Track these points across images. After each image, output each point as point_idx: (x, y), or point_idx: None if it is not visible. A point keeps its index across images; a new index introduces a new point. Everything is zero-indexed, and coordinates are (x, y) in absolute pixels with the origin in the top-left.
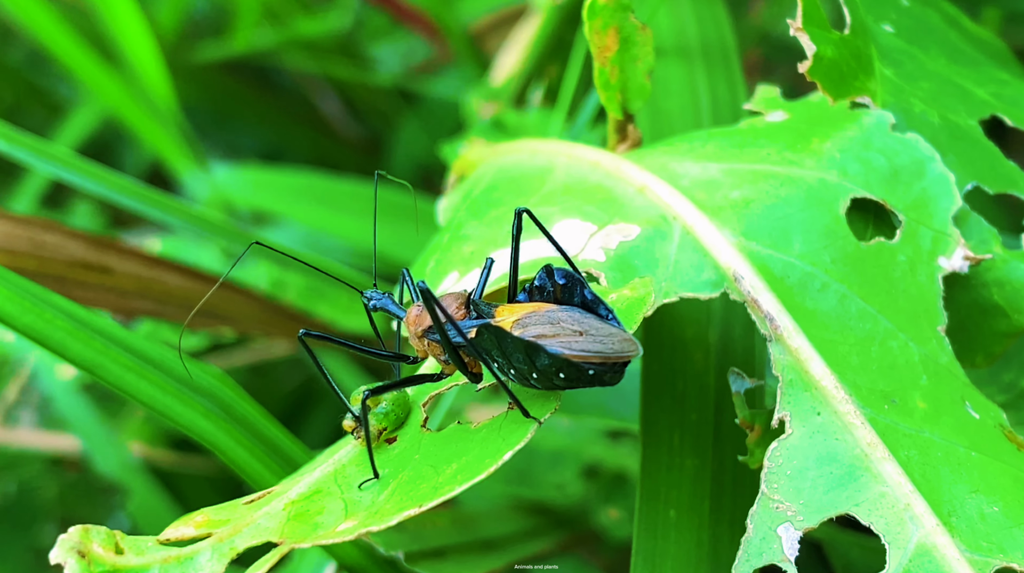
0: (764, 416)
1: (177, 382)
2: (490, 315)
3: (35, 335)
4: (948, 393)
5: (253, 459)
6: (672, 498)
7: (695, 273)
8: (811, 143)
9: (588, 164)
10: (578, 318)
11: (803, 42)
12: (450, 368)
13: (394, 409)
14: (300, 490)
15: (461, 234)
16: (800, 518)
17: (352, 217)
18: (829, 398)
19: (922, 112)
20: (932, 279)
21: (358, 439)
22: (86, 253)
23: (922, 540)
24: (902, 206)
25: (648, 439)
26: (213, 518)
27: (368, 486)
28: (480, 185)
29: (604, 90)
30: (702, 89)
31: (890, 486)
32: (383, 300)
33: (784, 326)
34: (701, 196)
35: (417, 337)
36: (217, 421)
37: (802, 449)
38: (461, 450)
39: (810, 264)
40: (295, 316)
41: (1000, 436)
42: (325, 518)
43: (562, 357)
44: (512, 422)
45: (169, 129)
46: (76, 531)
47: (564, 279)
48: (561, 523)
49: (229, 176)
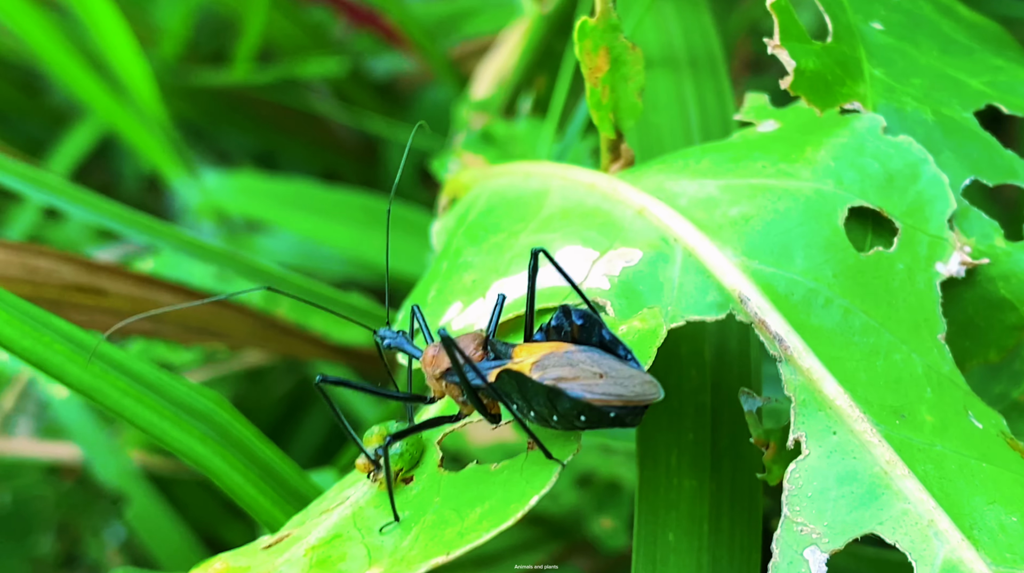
0: (778, 433)
1: (175, 406)
2: (507, 355)
3: (33, 359)
4: (952, 404)
5: (248, 484)
6: (670, 520)
7: (700, 296)
8: (805, 152)
9: (584, 187)
10: (597, 359)
11: (782, 59)
12: (468, 409)
13: (409, 449)
14: (319, 535)
15: (460, 262)
16: (826, 540)
17: (346, 226)
18: (844, 417)
19: (915, 110)
20: (930, 286)
21: (374, 482)
22: (78, 276)
23: (948, 555)
24: (898, 212)
25: (645, 460)
26: (232, 565)
27: (389, 530)
28: (475, 209)
29: (596, 110)
30: (690, 100)
31: (912, 503)
32: (398, 340)
33: (794, 346)
34: (700, 215)
35: (435, 378)
36: (213, 446)
37: (821, 469)
38: (483, 494)
39: (813, 280)
40: (288, 330)
41: (1004, 445)
42: (348, 565)
43: (584, 401)
44: (533, 464)
45: (158, 136)
46: None
47: (582, 320)
48: (556, 534)
49: (220, 183)
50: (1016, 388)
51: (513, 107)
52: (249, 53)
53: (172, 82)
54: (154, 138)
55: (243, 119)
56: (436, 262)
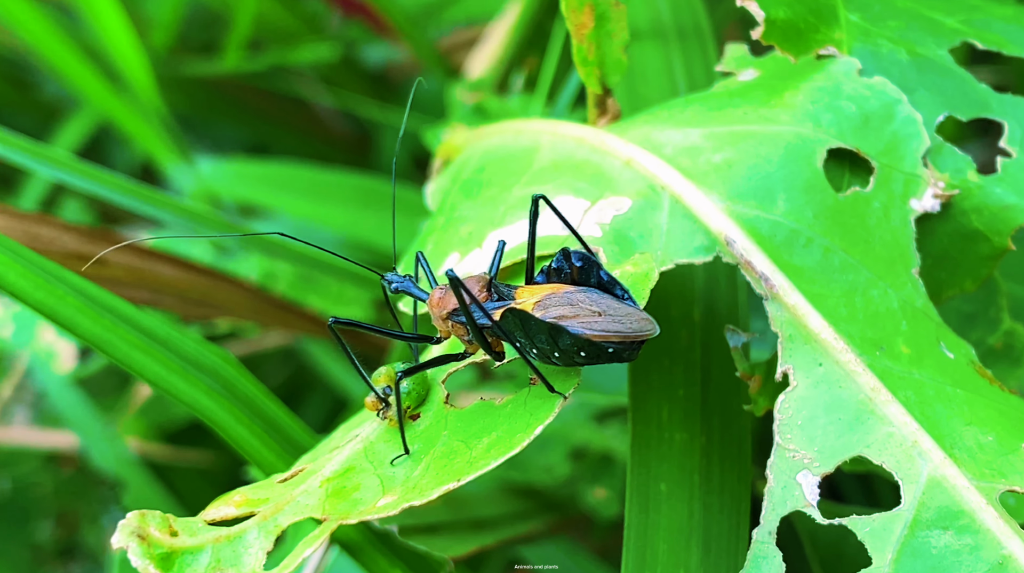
0: (763, 367)
1: (183, 361)
2: (510, 297)
3: (45, 310)
4: (925, 336)
5: (253, 437)
6: (662, 472)
7: (687, 240)
8: (783, 97)
9: (573, 140)
10: (596, 299)
11: (751, 10)
12: (473, 347)
13: (415, 387)
14: (333, 468)
15: (456, 216)
16: (817, 464)
17: (341, 207)
18: (829, 349)
19: (890, 51)
20: (905, 222)
21: (383, 418)
22: (80, 245)
23: (932, 473)
24: (874, 152)
25: (637, 415)
26: (251, 497)
27: (400, 462)
28: (468, 167)
29: (583, 66)
30: (679, 72)
31: (896, 426)
32: (404, 283)
33: (779, 285)
34: (685, 163)
35: (441, 319)
36: (219, 400)
37: (809, 399)
38: (489, 425)
39: (794, 221)
40: (286, 306)
41: (974, 372)
42: (363, 494)
43: (584, 337)
44: (536, 398)
45: (152, 123)
46: (135, 516)
47: (581, 261)
48: (551, 506)
49: (214, 169)
50: (992, 334)
51: (506, 84)
52: (240, 41)
53: (163, 73)
54: (150, 126)
55: (235, 111)
56: (432, 218)
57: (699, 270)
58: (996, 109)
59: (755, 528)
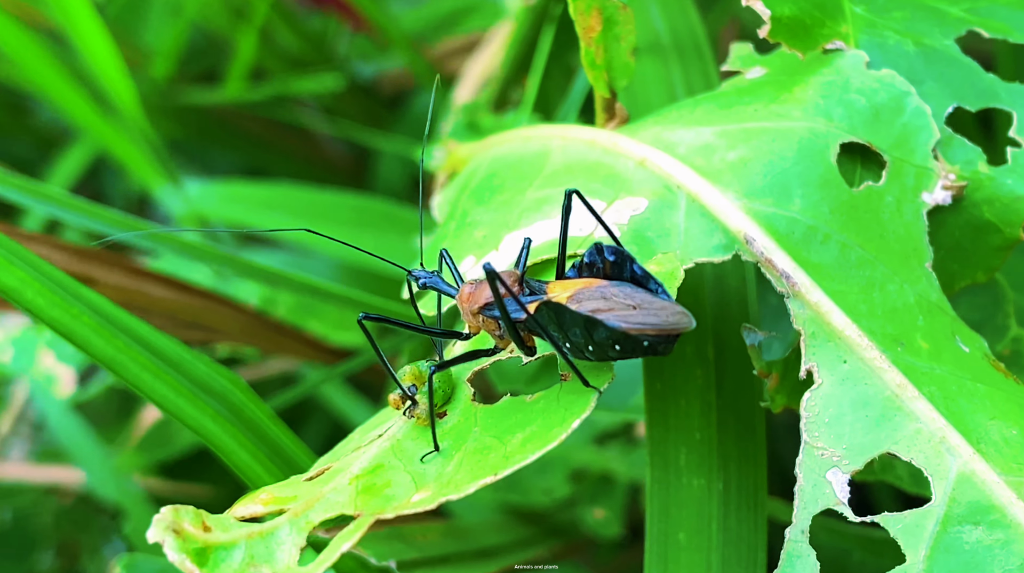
0: (779, 365)
1: (192, 384)
2: (542, 291)
3: (60, 328)
4: (942, 330)
5: (256, 464)
6: (681, 519)
7: (706, 239)
8: (793, 92)
9: (584, 143)
10: (629, 293)
11: (757, 9)
12: (504, 342)
13: (441, 385)
14: (362, 465)
15: (469, 221)
16: (846, 462)
17: (338, 228)
18: (853, 346)
19: (897, 42)
20: (917, 216)
21: (409, 416)
22: (70, 264)
23: (961, 469)
24: (886, 146)
25: (655, 460)
26: (278, 495)
27: (430, 459)
28: (477, 175)
29: (591, 69)
30: (678, 84)
31: (924, 422)
32: (433, 279)
33: (801, 282)
34: (699, 162)
35: (472, 314)
36: (225, 425)
37: (835, 396)
38: (523, 421)
39: (811, 217)
40: (286, 331)
41: (989, 366)
42: (395, 490)
43: (620, 330)
44: (569, 393)
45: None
46: (169, 511)
47: (614, 256)
48: (554, 532)
49: (203, 190)
50: (1000, 341)
51: (503, 102)
52: (242, 71)
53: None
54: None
55: (231, 137)
56: (443, 225)
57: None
58: (1005, 98)
59: (788, 527)
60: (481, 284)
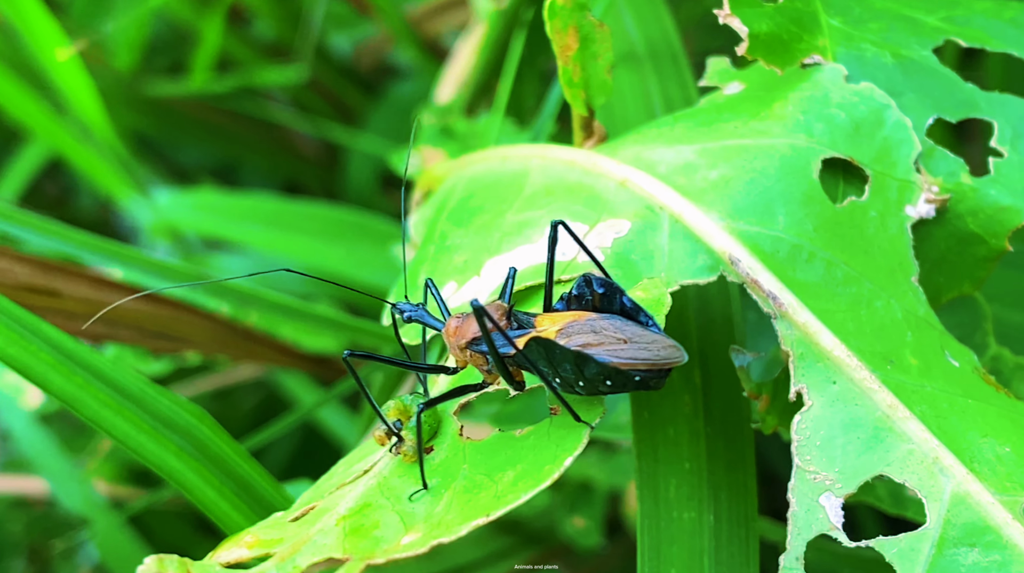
0: (769, 386)
1: (154, 419)
2: (530, 324)
3: (17, 366)
4: (930, 345)
5: (221, 499)
6: (672, 556)
7: (690, 260)
8: (773, 108)
9: (563, 164)
10: (620, 326)
11: (734, 26)
12: (492, 377)
13: (427, 420)
14: (348, 505)
15: (448, 245)
16: (839, 486)
17: (307, 238)
18: (843, 367)
19: (875, 55)
20: (902, 230)
21: (397, 453)
22: (32, 277)
23: (955, 489)
24: (867, 160)
25: (644, 493)
26: (263, 538)
27: (419, 498)
28: (455, 196)
29: (568, 87)
30: (655, 93)
31: (916, 443)
32: (418, 312)
33: (788, 302)
34: (681, 181)
35: (459, 349)
36: (188, 461)
37: (825, 418)
38: (513, 458)
39: (796, 236)
40: (254, 337)
41: (980, 380)
42: (384, 532)
43: (611, 366)
44: (559, 428)
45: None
46: (153, 561)
47: (603, 288)
48: (532, 540)
49: (172, 201)
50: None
51: (475, 108)
52: (208, 61)
53: (127, 95)
54: (102, 160)
55: (201, 132)
56: (421, 248)
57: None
58: (985, 108)
59: (782, 554)
60: (468, 318)
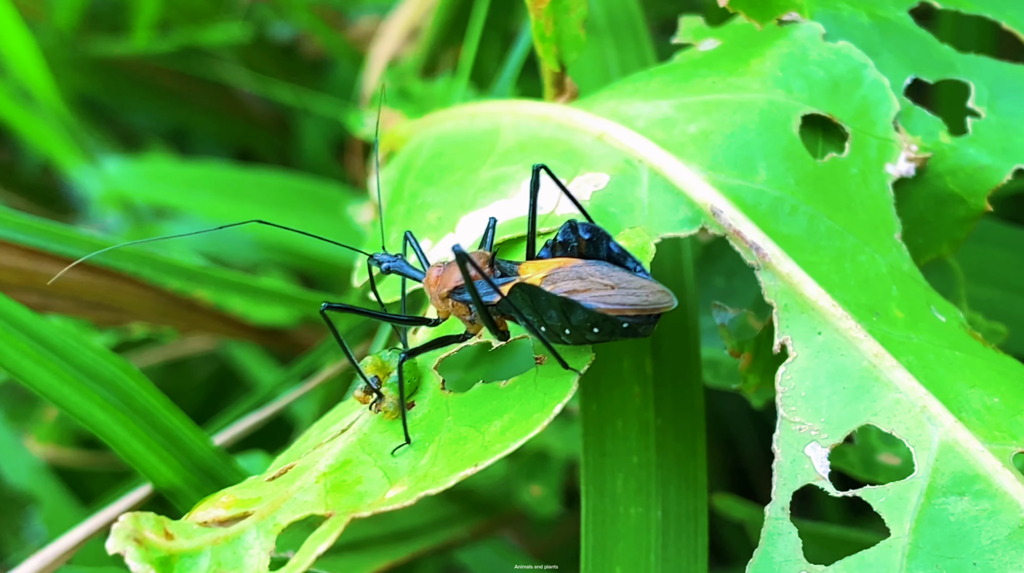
0: (752, 343)
1: (79, 372)
2: (513, 272)
3: None
4: (916, 300)
5: (151, 453)
6: (618, 553)
7: (671, 213)
8: (751, 65)
9: (537, 119)
10: (606, 272)
11: None
12: (475, 327)
13: (407, 374)
14: (328, 462)
15: (419, 203)
16: (825, 436)
17: (258, 207)
18: (828, 317)
19: (851, 15)
20: (883, 187)
21: (377, 411)
22: None
23: (943, 438)
24: (847, 117)
25: (589, 489)
26: (240, 497)
27: (401, 452)
28: (421, 155)
29: (540, 42)
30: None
31: (903, 392)
32: (397, 263)
33: (771, 253)
34: (660, 135)
35: (441, 298)
36: (114, 413)
37: (811, 369)
38: (499, 408)
39: (777, 189)
40: (206, 310)
41: (966, 335)
42: (367, 487)
43: (598, 311)
44: (546, 376)
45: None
46: (128, 519)
47: (589, 233)
48: (481, 507)
49: (123, 170)
50: None
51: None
52: (148, 20)
53: (70, 55)
54: (47, 125)
55: (151, 95)
56: (389, 208)
57: None
58: (961, 69)
59: (768, 504)
60: (450, 266)
